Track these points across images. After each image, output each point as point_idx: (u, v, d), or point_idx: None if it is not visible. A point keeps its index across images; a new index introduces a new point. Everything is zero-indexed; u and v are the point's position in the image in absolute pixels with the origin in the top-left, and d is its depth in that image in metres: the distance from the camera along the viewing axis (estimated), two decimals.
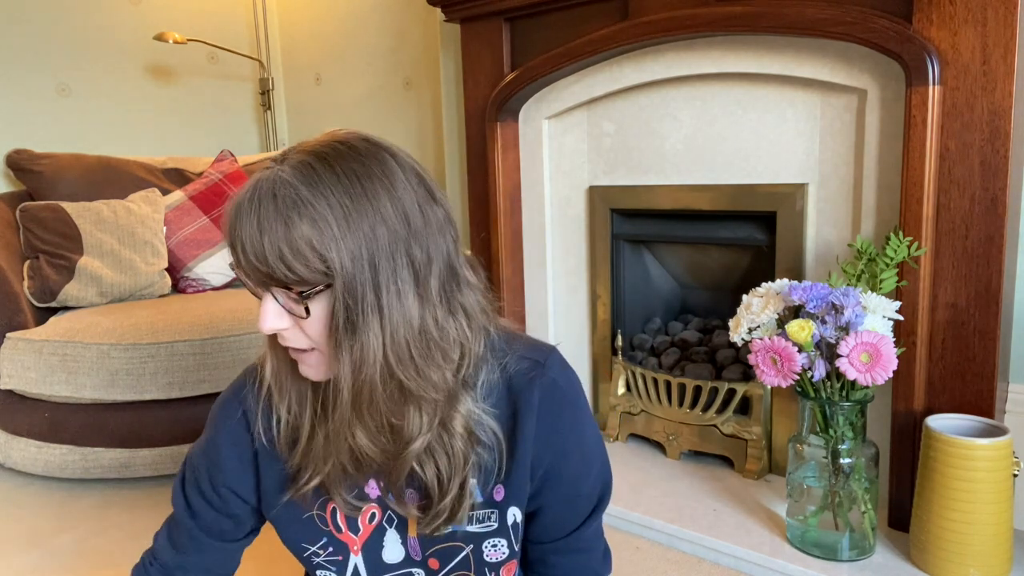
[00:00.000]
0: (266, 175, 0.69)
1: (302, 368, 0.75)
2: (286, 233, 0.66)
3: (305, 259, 0.66)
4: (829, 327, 1.24)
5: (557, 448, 0.81)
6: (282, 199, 0.66)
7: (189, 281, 2.24)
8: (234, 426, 0.84)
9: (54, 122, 2.49)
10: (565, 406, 0.82)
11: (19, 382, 1.80)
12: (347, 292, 0.68)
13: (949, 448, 1.21)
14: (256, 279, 0.69)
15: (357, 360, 0.70)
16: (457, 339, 0.75)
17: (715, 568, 1.40)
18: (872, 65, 1.40)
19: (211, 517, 0.87)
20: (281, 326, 0.71)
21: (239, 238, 0.67)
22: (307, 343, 0.72)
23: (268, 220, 0.66)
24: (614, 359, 1.90)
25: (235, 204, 0.69)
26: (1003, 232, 1.25)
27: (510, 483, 0.81)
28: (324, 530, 0.85)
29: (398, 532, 0.84)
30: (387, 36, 2.58)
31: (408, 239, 0.70)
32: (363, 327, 0.69)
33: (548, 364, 0.81)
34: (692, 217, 1.76)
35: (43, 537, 1.61)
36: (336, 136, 0.71)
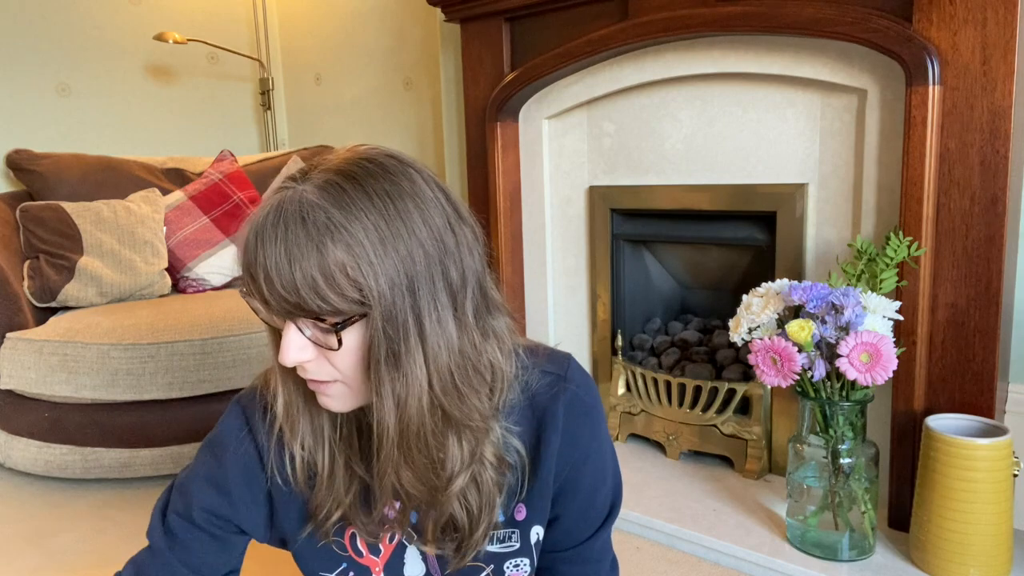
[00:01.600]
0: (288, 196, 0.63)
1: (321, 400, 0.70)
2: (319, 260, 0.61)
3: (340, 288, 0.61)
4: (829, 327, 1.24)
5: (576, 459, 0.80)
6: (312, 223, 0.61)
7: (189, 281, 2.24)
8: (247, 462, 0.79)
9: (54, 122, 2.49)
10: (586, 417, 0.80)
11: (19, 382, 1.80)
12: (387, 321, 0.64)
13: (949, 448, 1.21)
14: (281, 310, 0.63)
15: (402, 394, 0.66)
16: (491, 363, 0.72)
17: (715, 568, 1.40)
18: (872, 65, 1.40)
19: (198, 546, 0.80)
20: (305, 358, 0.66)
21: (262, 267, 0.62)
22: (333, 375, 0.68)
23: (299, 246, 0.61)
24: (614, 359, 1.90)
25: (255, 228, 0.63)
26: (1003, 232, 1.25)
27: (531, 501, 0.80)
28: (343, 556, 0.81)
29: (418, 549, 0.82)
30: (387, 36, 2.58)
31: (443, 260, 0.66)
32: (406, 357, 0.65)
33: (569, 376, 0.79)
34: (692, 217, 1.76)
35: (43, 537, 1.61)
36: (360, 153, 0.67)
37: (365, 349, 0.66)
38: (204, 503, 0.79)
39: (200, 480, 0.80)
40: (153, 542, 0.81)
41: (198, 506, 0.79)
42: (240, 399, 0.81)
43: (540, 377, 0.78)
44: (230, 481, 0.78)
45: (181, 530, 0.79)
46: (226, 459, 0.78)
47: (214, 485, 0.79)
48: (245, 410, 0.79)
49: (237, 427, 0.79)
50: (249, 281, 0.64)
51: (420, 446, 0.68)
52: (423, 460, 0.69)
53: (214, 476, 0.79)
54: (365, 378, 0.67)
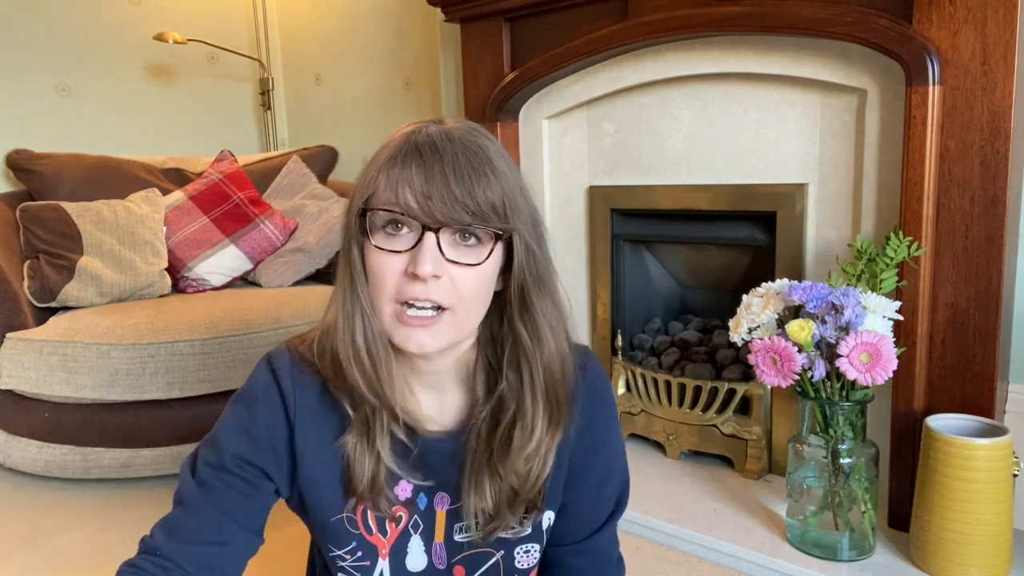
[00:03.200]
0: (444, 129, 0.70)
1: (418, 336, 0.70)
2: (496, 178, 0.68)
3: (506, 206, 0.69)
4: (829, 327, 1.24)
5: (589, 449, 0.83)
6: (483, 148, 0.69)
7: (189, 281, 2.24)
8: (275, 415, 0.79)
9: (54, 122, 2.49)
10: (602, 408, 0.83)
11: (19, 382, 1.80)
12: (536, 242, 0.73)
13: (949, 448, 1.21)
14: (442, 219, 0.67)
15: (552, 316, 0.74)
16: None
17: (715, 568, 1.40)
18: (872, 65, 1.40)
19: (233, 492, 0.80)
20: (439, 272, 0.68)
21: (438, 177, 0.67)
22: (450, 300, 0.70)
23: (480, 163, 0.68)
24: (614, 359, 1.90)
25: (418, 148, 0.68)
26: (1003, 232, 1.25)
27: (547, 487, 0.81)
28: (354, 533, 0.82)
29: (423, 539, 0.82)
30: (387, 36, 2.58)
31: (539, 217, 0.75)
32: (549, 281, 0.74)
33: (588, 367, 0.82)
34: (692, 217, 1.76)
35: (43, 537, 1.61)
36: (458, 118, 0.75)
37: (494, 272, 0.72)
38: (235, 449, 0.79)
39: (230, 430, 0.81)
40: (185, 495, 0.81)
41: (229, 452, 0.79)
42: (270, 358, 0.81)
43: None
44: (260, 428, 0.79)
45: (213, 479, 0.80)
46: (256, 409, 0.79)
47: (244, 432, 0.79)
48: (274, 368, 0.80)
49: (265, 382, 0.80)
50: (406, 189, 0.68)
51: (557, 369, 0.75)
52: (556, 383, 0.76)
53: (245, 424, 0.80)
54: (481, 305, 0.73)
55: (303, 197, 2.49)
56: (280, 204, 2.46)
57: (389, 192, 0.68)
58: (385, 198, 0.69)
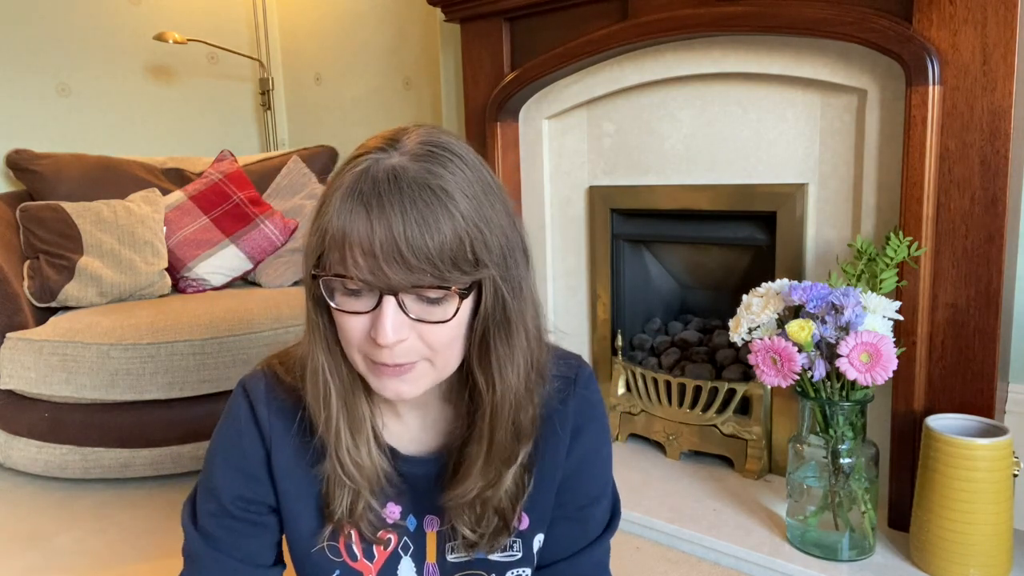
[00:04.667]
0: (392, 165, 0.61)
1: (392, 386, 0.66)
2: (453, 224, 0.60)
3: (469, 251, 0.61)
4: (829, 327, 1.24)
5: (579, 465, 0.79)
6: (437, 188, 0.60)
7: (189, 281, 2.24)
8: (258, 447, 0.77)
9: (54, 122, 2.49)
10: (592, 423, 0.79)
11: (19, 382, 1.80)
12: (504, 283, 0.65)
13: (949, 448, 1.21)
14: (397, 283, 0.60)
15: (514, 357, 0.67)
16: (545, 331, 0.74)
17: (715, 568, 1.40)
18: (872, 65, 1.40)
19: (243, 537, 0.79)
20: (404, 336, 0.63)
21: (383, 239, 0.58)
22: (422, 354, 0.65)
23: (432, 212, 0.59)
24: (614, 359, 1.90)
25: (361, 201, 0.59)
26: (1003, 232, 1.25)
27: (535, 508, 0.78)
28: (336, 562, 0.79)
29: (414, 561, 0.80)
30: (387, 36, 2.58)
31: (518, 228, 0.68)
32: (516, 318, 0.66)
33: (579, 381, 0.78)
34: (692, 217, 1.76)
35: (43, 537, 1.61)
36: (428, 127, 0.67)
37: (468, 319, 0.66)
38: (234, 492, 0.77)
39: (223, 471, 0.78)
40: (193, 550, 0.79)
41: (229, 496, 0.77)
42: (246, 387, 0.79)
43: (550, 381, 0.76)
44: (250, 463, 0.77)
45: (218, 527, 0.78)
46: (242, 444, 0.78)
47: (238, 471, 0.77)
48: (250, 399, 0.78)
49: (245, 415, 0.78)
50: (352, 257, 0.60)
51: (522, 404, 0.70)
52: (520, 419, 0.70)
53: (236, 463, 0.78)
54: (455, 352, 0.67)
55: (303, 197, 2.49)
56: (280, 204, 2.47)
57: (338, 253, 0.61)
58: (335, 259, 0.62)
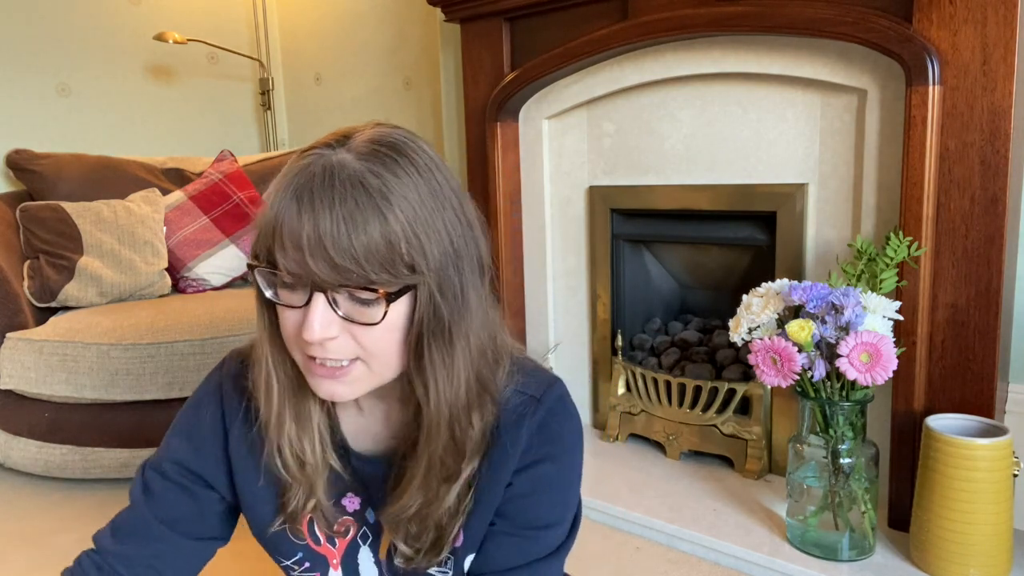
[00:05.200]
0: (333, 161, 0.60)
1: (327, 387, 0.65)
2: (382, 226, 0.58)
3: (399, 255, 0.59)
4: (829, 327, 1.24)
5: (531, 487, 0.73)
6: (372, 188, 0.58)
7: (189, 281, 2.24)
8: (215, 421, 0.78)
9: (54, 122, 2.49)
10: (554, 450, 0.73)
11: (19, 382, 1.80)
12: (440, 291, 0.62)
13: (949, 448, 1.21)
14: (325, 280, 0.59)
15: (452, 368, 0.64)
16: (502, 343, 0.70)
17: (715, 568, 1.40)
18: (872, 65, 1.40)
19: (170, 499, 0.78)
20: (331, 335, 0.62)
21: (310, 233, 0.57)
22: (354, 354, 0.64)
23: (361, 212, 0.58)
24: (614, 359, 1.90)
25: (297, 192, 0.59)
26: (1003, 232, 1.25)
27: (470, 526, 0.73)
28: (299, 544, 0.78)
29: (371, 550, 0.78)
30: (387, 36, 2.58)
31: (473, 233, 0.66)
32: (456, 329, 0.63)
33: (544, 403, 0.72)
34: (692, 217, 1.76)
35: (43, 537, 1.61)
36: (389, 126, 0.66)
37: (404, 324, 0.63)
38: (177, 455, 0.79)
39: (176, 433, 0.80)
40: (133, 495, 0.82)
41: (170, 459, 0.79)
42: (226, 359, 0.81)
43: (511, 396, 0.72)
44: (204, 433, 0.78)
45: (156, 483, 0.80)
46: (201, 413, 0.79)
47: (188, 438, 0.79)
48: (223, 372, 0.80)
49: (213, 386, 0.80)
50: (281, 249, 0.60)
51: (464, 418, 0.67)
52: (459, 435, 0.68)
53: (189, 429, 0.79)
54: (392, 357, 0.65)
55: None
56: None
57: (272, 245, 0.61)
58: (271, 251, 0.61)
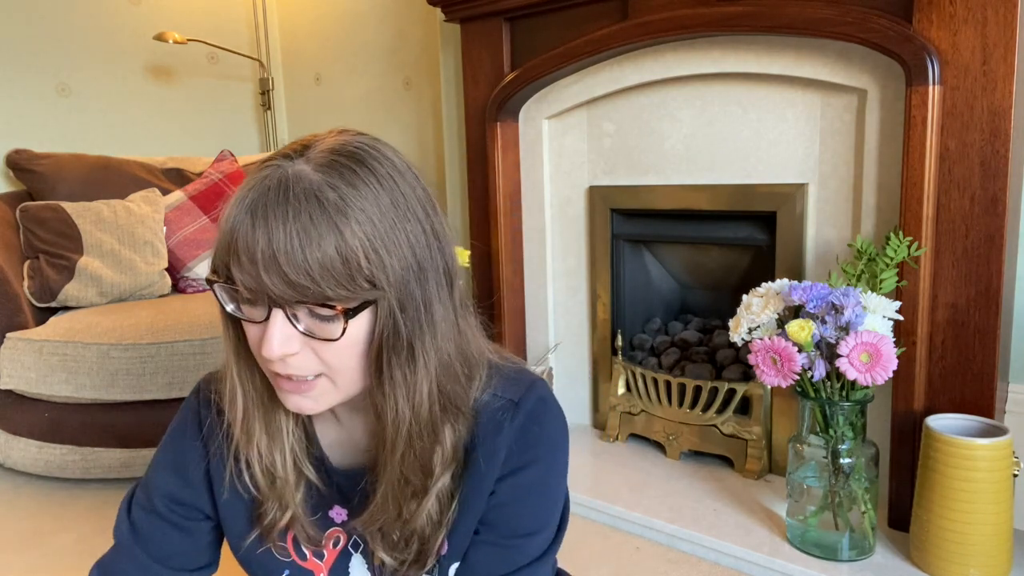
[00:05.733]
0: (289, 173, 0.58)
1: (293, 401, 0.65)
2: (338, 240, 0.57)
3: (359, 270, 0.58)
4: (829, 327, 1.24)
5: (511, 494, 0.72)
6: (328, 201, 0.57)
7: (189, 281, 2.24)
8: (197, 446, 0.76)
9: (54, 122, 2.49)
10: (535, 455, 0.72)
11: (19, 382, 1.80)
12: (401, 306, 0.60)
13: (949, 448, 1.21)
14: (280, 296, 0.58)
15: (414, 382, 0.63)
16: (474, 353, 0.69)
17: (715, 568, 1.40)
18: (872, 65, 1.40)
19: (163, 536, 0.76)
20: (291, 351, 0.61)
21: (264, 248, 0.56)
22: (317, 370, 0.63)
23: (315, 226, 0.56)
24: (614, 359, 1.90)
25: (251, 206, 0.58)
26: (1003, 232, 1.25)
27: (455, 534, 0.72)
28: (285, 562, 0.77)
29: (364, 557, 0.77)
30: (387, 36, 2.58)
31: (439, 244, 0.64)
32: (419, 344, 0.62)
33: (522, 405, 0.71)
34: (692, 217, 1.76)
35: (43, 537, 1.61)
36: (352, 135, 0.64)
37: (365, 339, 0.62)
38: (165, 489, 0.76)
39: (160, 466, 0.78)
40: (118, 539, 0.78)
41: (159, 494, 0.76)
42: (200, 384, 0.79)
43: (489, 402, 0.71)
44: (188, 463, 0.76)
45: (145, 522, 0.77)
46: (183, 443, 0.77)
47: (174, 471, 0.77)
48: (199, 395, 0.78)
49: (192, 411, 0.77)
50: (237, 264, 0.58)
51: (427, 434, 0.66)
52: (425, 449, 0.66)
53: (173, 461, 0.77)
54: (355, 372, 0.64)
55: None
56: None
57: (229, 259, 0.59)
58: (227, 265, 0.60)
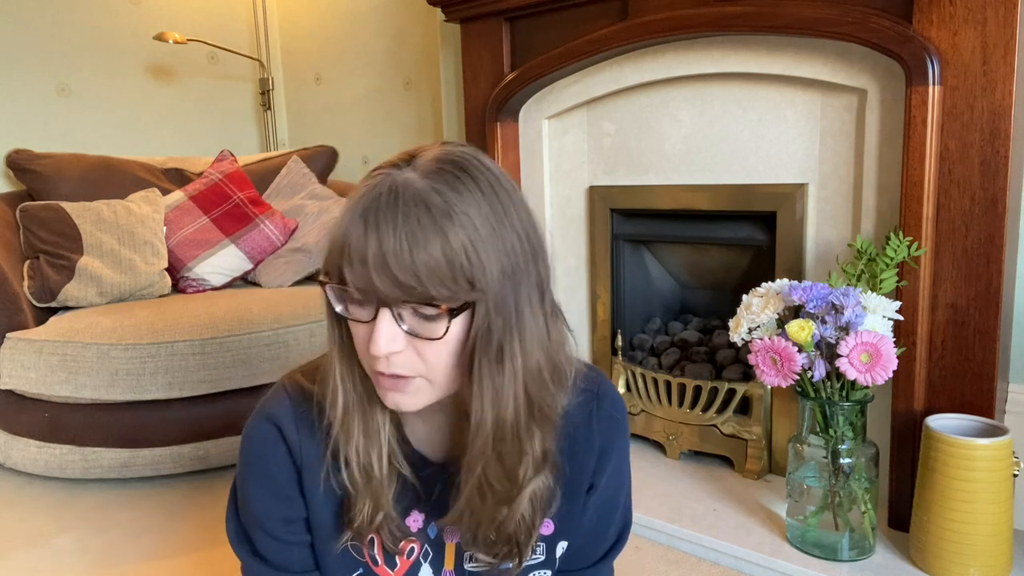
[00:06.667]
0: (398, 180, 0.63)
1: (392, 398, 0.68)
2: (443, 244, 0.61)
3: (459, 271, 0.62)
4: (829, 327, 1.24)
5: (601, 479, 0.81)
6: (434, 207, 0.61)
7: (189, 281, 2.24)
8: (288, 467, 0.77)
9: (54, 122, 2.49)
10: (617, 438, 0.82)
11: (19, 382, 1.80)
12: (496, 309, 0.64)
13: (949, 448, 1.21)
14: (389, 296, 0.62)
15: (503, 385, 0.66)
16: (563, 360, 0.73)
17: (715, 568, 1.40)
18: (872, 65, 1.40)
19: (287, 554, 0.80)
20: (396, 348, 0.64)
21: (376, 251, 0.61)
22: (417, 369, 0.66)
23: (422, 229, 0.61)
24: (614, 359, 1.90)
25: (363, 212, 0.62)
26: (1003, 232, 1.25)
27: (561, 518, 0.80)
28: (360, 561, 0.80)
29: (432, 567, 0.81)
30: (387, 36, 2.58)
31: (535, 255, 0.68)
32: (509, 347, 0.66)
33: (602, 395, 0.80)
34: (692, 217, 1.76)
35: (43, 537, 1.61)
36: (457, 145, 0.68)
37: (463, 339, 0.66)
38: (275, 516, 0.78)
39: (260, 500, 0.78)
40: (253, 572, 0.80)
41: (271, 522, 0.78)
42: (269, 414, 0.77)
43: (575, 394, 0.76)
44: (284, 485, 0.77)
45: (272, 551, 0.79)
46: (272, 471, 0.77)
47: (274, 496, 0.78)
48: (277, 424, 0.77)
49: (272, 440, 0.77)
50: (349, 266, 0.63)
51: (511, 439, 0.69)
52: (510, 455, 0.70)
53: (270, 489, 0.78)
54: (452, 371, 0.67)
55: (303, 197, 2.49)
56: (280, 204, 2.47)
57: (341, 262, 0.64)
58: (338, 268, 0.65)
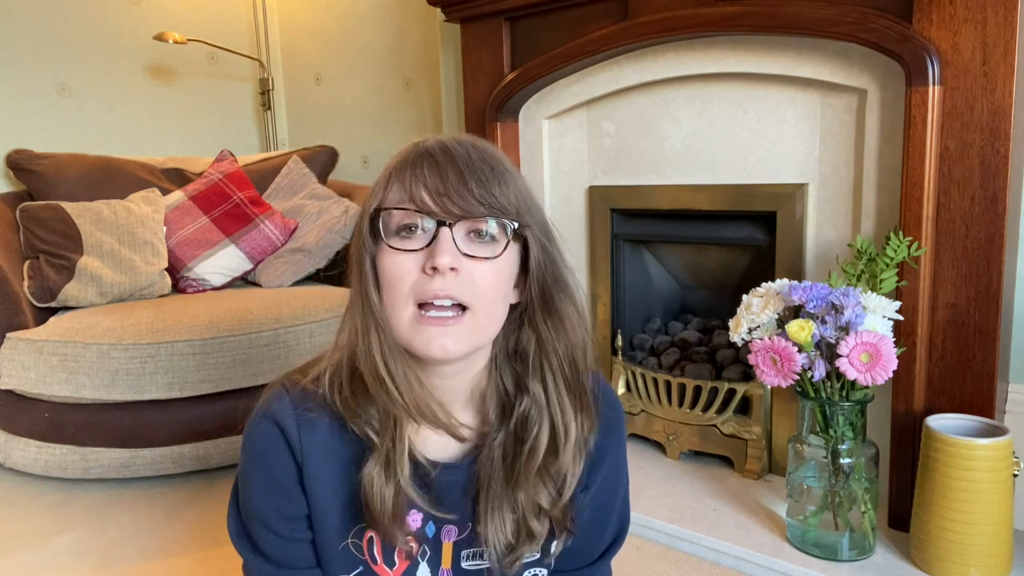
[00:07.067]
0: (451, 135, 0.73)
1: (440, 340, 0.69)
2: (506, 172, 0.71)
3: (517, 197, 0.71)
4: (829, 327, 1.24)
5: (595, 478, 0.82)
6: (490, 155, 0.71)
7: (189, 281, 2.24)
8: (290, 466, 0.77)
9: (54, 122, 2.49)
10: (612, 435, 0.83)
11: (19, 382, 1.80)
12: (542, 251, 0.73)
13: (949, 448, 1.21)
14: (459, 208, 0.68)
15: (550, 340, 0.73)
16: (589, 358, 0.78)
17: (715, 568, 1.40)
18: (872, 65, 1.40)
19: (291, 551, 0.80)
20: (456, 264, 0.68)
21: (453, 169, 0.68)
22: (469, 297, 0.69)
23: (488, 157, 0.71)
24: (614, 359, 1.90)
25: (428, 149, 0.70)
26: (1003, 232, 1.25)
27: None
28: (360, 559, 0.80)
29: (429, 566, 0.81)
30: (387, 36, 2.58)
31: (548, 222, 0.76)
32: (557, 299, 0.73)
33: (601, 391, 0.81)
34: (692, 217, 1.76)
35: (43, 537, 1.61)
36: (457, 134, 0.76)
37: (511, 273, 0.73)
38: (278, 514, 0.78)
39: (262, 499, 0.78)
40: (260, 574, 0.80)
41: (274, 520, 0.78)
42: (269, 413, 0.77)
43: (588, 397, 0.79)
44: (284, 483, 0.77)
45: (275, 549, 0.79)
46: (272, 469, 0.77)
47: (274, 493, 0.77)
48: (277, 422, 0.76)
49: (272, 438, 0.76)
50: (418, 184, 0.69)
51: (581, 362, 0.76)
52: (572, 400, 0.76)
53: (270, 487, 0.78)
54: (496, 308, 0.72)
55: (303, 197, 2.49)
56: (280, 204, 2.46)
57: (402, 193, 0.70)
58: (398, 199, 0.70)
